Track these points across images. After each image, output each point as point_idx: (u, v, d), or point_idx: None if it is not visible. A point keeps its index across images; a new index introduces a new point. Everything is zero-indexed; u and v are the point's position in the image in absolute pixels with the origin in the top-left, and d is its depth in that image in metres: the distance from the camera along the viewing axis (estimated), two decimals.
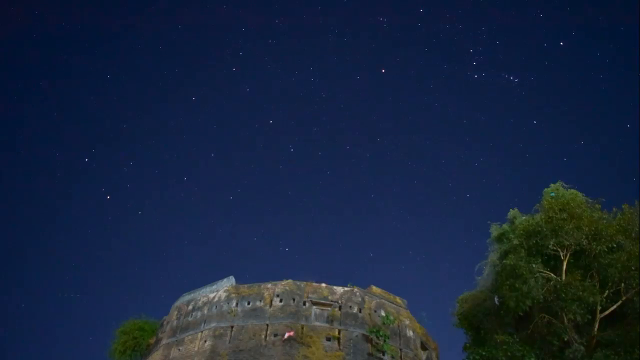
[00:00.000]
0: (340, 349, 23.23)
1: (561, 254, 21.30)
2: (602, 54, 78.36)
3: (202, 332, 24.68)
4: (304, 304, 24.82)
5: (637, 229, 20.77)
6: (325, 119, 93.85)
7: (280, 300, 24.84)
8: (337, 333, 23.82)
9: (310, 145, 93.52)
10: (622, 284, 19.93)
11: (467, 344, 24.88)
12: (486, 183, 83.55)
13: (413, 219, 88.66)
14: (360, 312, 24.95)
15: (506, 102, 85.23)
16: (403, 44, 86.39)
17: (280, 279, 26.06)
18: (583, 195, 23.00)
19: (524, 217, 23.85)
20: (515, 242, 22.41)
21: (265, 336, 23.45)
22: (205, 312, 25.67)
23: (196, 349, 24.04)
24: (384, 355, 23.70)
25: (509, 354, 20.09)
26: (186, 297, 28.16)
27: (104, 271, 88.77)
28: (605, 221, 21.60)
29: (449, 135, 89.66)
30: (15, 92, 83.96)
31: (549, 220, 21.64)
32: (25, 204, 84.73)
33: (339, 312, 24.67)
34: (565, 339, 19.91)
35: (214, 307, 25.61)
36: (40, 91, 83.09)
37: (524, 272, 20.37)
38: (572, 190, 23.37)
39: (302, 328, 23.72)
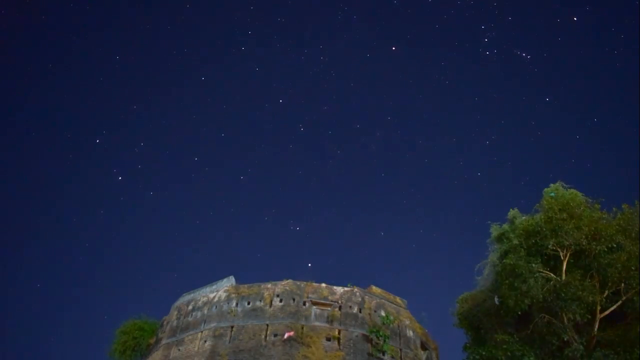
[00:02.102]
0: (340, 349, 23.24)
1: (561, 253, 21.31)
2: (617, 30, 77.42)
3: (202, 332, 24.70)
4: (304, 304, 24.83)
5: (637, 229, 20.77)
6: (335, 98, 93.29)
7: (280, 300, 24.85)
8: (337, 333, 23.83)
9: (320, 124, 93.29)
10: (622, 284, 19.94)
11: (467, 344, 24.85)
12: (497, 162, 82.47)
13: (413, 217, 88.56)
14: (360, 312, 24.96)
15: (518, 79, 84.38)
16: (413, 21, 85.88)
17: (280, 279, 26.09)
18: (583, 195, 23.02)
19: (524, 217, 23.85)
20: (515, 242, 22.42)
21: (265, 336, 23.46)
22: (205, 312, 25.68)
23: (196, 349, 24.05)
24: (384, 355, 23.71)
25: (509, 353, 20.11)
26: (186, 297, 28.17)
27: (104, 271, 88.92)
28: (605, 221, 21.60)
29: (460, 113, 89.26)
30: (26, 73, 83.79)
31: (549, 220, 21.64)
32: (32, 190, 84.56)
33: (339, 312, 24.68)
34: (565, 339, 19.90)
35: (214, 307, 25.62)
36: (51, 72, 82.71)
37: (524, 272, 20.39)
38: (572, 190, 23.38)
39: (302, 328, 23.73)
